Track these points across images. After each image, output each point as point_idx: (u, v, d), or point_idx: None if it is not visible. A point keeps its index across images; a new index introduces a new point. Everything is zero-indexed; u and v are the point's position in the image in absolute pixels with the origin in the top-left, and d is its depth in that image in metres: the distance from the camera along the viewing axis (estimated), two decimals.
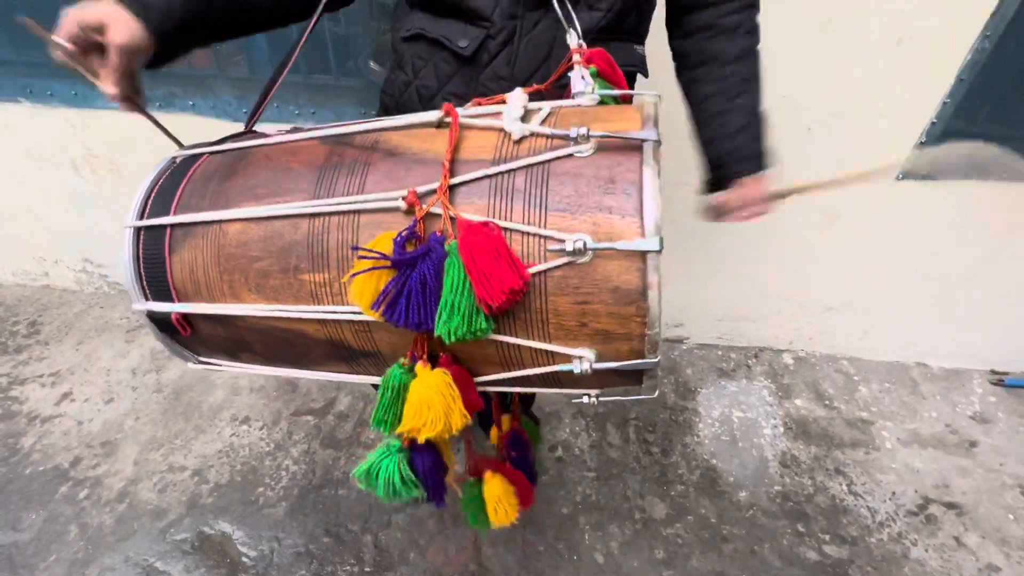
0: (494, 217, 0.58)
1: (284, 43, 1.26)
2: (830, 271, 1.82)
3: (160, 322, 0.72)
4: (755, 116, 0.83)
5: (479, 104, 0.68)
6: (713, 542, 1.44)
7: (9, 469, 1.55)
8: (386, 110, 0.98)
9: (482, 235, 0.54)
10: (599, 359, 0.59)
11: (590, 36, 0.79)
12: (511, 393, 1.05)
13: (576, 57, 0.73)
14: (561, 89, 0.78)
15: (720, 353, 2.03)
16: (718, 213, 0.86)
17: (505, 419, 1.06)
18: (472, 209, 0.58)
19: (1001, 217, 1.65)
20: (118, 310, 2.12)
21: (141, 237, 0.70)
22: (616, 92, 0.72)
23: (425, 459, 0.71)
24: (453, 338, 0.55)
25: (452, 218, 0.57)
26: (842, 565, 1.40)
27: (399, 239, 0.57)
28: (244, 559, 1.37)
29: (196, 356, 0.80)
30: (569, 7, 0.76)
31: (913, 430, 1.78)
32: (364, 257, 0.57)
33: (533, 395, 1.57)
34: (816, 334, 2.00)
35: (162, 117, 0.75)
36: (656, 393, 0.66)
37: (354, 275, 0.57)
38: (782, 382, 1.93)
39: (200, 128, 1.80)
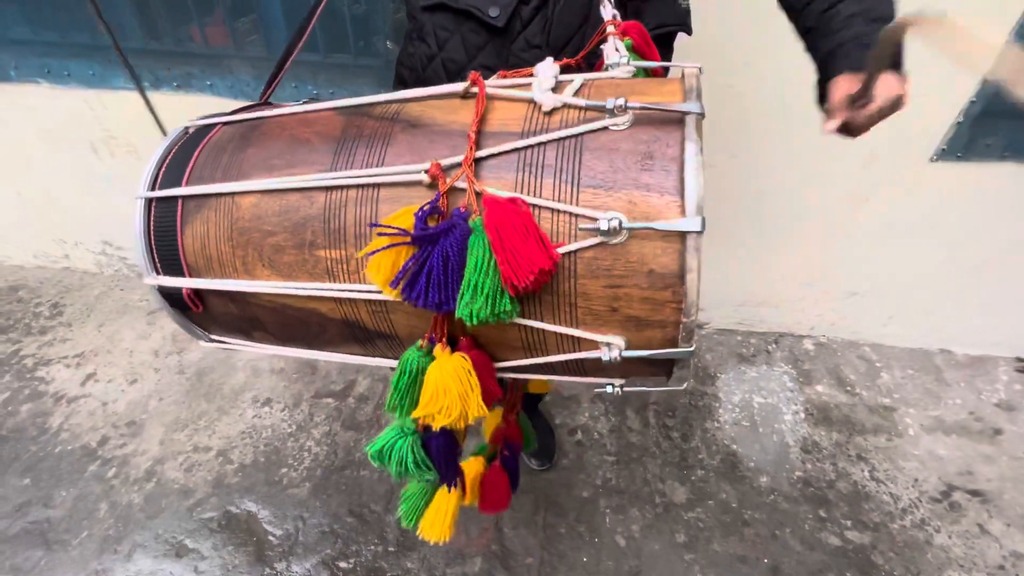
0: (522, 193, 0.54)
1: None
2: (856, 256, 1.79)
3: (172, 297, 0.70)
4: (862, 14, 0.67)
5: (504, 76, 0.65)
6: (734, 526, 1.44)
7: (39, 448, 1.58)
8: (404, 84, 0.93)
9: (509, 211, 0.51)
10: (629, 347, 0.56)
11: None
12: (521, 382, 1.00)
13: (611, 28, 0.69)
14: (592, 64, 0.74)
15: (740, 339, 2.01)
16: (845, 127, 0.67)
17: (496, 412, 0.99)
18: (499, 184, 0.55)
19: None
20: (138, 292, 2.13)
21: (153, 209, 0.67)
22: (650, 64, 0.68)
23: (439, 442, 0.68)
24: (475, 320, 0.52)
25: (477, 193, 0.54)
26: (864, 550, 1.40)
27: (420, 214, 0.54)
28: (270, 537, 1.39)
29: (208, 334, 0.78)
30: None
31: (937, 417, 1.76)
32: (383, 233, 0.53)
33: (542, 394, 1.53)
34: (838, 320, 1.97)
35: (180, 97, 0.73)
36: (685, 385, 0.61)
37: (371, 253, 0.54)
38: (803, 368, 1.91)
39: (218, 108, 1.80)
